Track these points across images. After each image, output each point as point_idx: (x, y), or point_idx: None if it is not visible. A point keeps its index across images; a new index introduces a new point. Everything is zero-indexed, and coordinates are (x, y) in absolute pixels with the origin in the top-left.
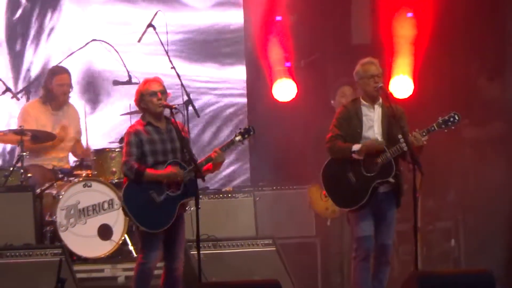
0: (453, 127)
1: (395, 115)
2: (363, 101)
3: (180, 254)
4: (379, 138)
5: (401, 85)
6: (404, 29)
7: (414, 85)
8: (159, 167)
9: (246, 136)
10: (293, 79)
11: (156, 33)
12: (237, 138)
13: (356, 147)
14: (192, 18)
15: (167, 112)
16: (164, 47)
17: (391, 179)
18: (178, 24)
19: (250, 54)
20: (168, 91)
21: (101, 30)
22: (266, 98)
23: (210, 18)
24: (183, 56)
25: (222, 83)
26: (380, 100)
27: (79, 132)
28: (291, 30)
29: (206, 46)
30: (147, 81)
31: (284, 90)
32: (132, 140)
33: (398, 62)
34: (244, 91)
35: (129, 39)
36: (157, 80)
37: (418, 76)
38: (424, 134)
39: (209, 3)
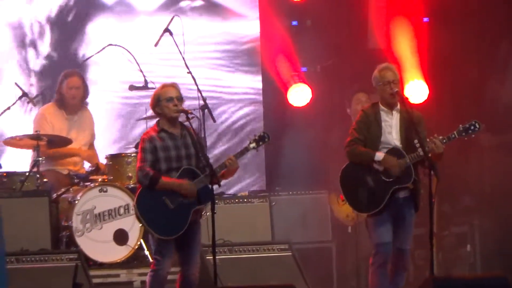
0: (473, 135)
1: (413, 120)
2: (381, 106)
3: (196, 259)
4: (398, 143)
5: (417, 90)
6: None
7: (430, 90)
8: (173, 174)
9: (260, 143)
10: (309, 84)
11: (173, 38)
12: (252, 145)
13: (379, 156)
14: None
15: (183, 117)
16: (180, 52)
17: (410, 185)
18: (194, 30)
19: (266, 59)
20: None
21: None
22: (282, 103)
23: (226, 24)
24: (200, 63)
25: (237, 88)
26: (399, 106)
27: (93, 137)
28: (307, 35)
29: (221, 52)
30: (164, 86)
31: (300, 95)
32: (147, 147)
33: (414, 67)
34: (260, 97)
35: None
36: (174, 86)
37: (433, 81)
38: (444, 141)
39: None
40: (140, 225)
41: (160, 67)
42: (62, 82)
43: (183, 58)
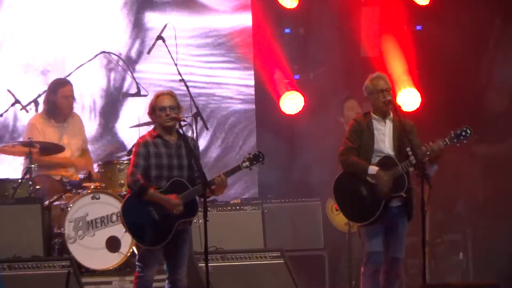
0: (465, 141)
1: (405, 128)
2: (373, 115)
3: (183, 266)
4: (391, 152)
5: (409, 98)
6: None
7: (422, 98)
8: (162, 181)
9: (254, 162)
10: (301, 92)
11: (166, 45)
12: (245, 164)
13: (372, 170)
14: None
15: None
16: (173, 59)
17: (403, 194)
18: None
19: (259, 67)
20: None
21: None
22: (274, 111)
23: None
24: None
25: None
26: (391, 115)
27: (85, 142)
28: (300, 43)
29: (214, 57)
30: (158, 95)
31: (292, 102)
32: (141, 151)
33: (406, 75)
34: (252, 97)
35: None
36: (169, 94)
37: (426, 89)
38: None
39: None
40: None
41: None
42: (54, 91)
43: (176, 65)
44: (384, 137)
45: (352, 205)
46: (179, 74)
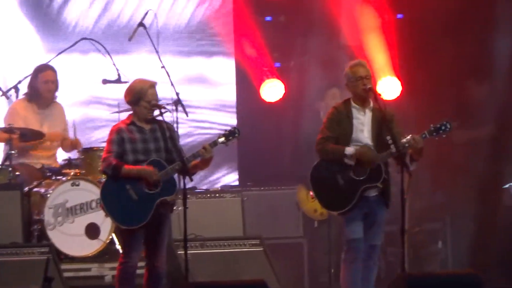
0: (444, 135)
1: (385, 118)
2: (353, 104)
3: (162, 252)
4: (369, 142)
5: (389, 87)
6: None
7: (403, 87)
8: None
9: (230, 138)
10: (282, 80)
11: (147, 32)
12: (220, 140)
13: (349, 150)
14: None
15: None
16: (154, 46)
17: (379, 184)
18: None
19: (239, 55)
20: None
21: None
22: (254, 98)
23: (200, 16)
24: (174, 51)
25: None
26: (371, 104)
27: (66, 130)
28: (281, 30)
29: (195, 44)
30: (147, 86)
31: (273, 90)
32: (114, 138)
33: (386, 63)
34: (233, 89)
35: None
36: (154, 86)
37: (406, 78)
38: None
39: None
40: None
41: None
42: (35, 76)
43: (157, 52)
44: (363, 126)
45: (329, 193)
46: (160, 61)
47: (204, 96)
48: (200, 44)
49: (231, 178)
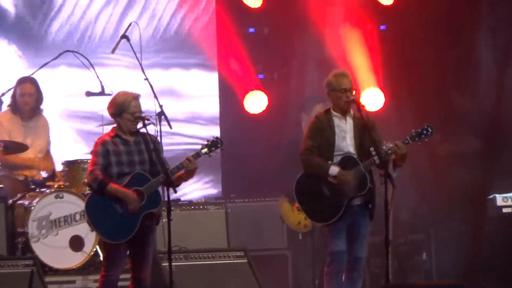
0: (426, 140)
1: (367, 125)
2: (334, 112)
3: (147, 264)
4: (352, 149)
5: (372, 98)
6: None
7: (386, 98)
8: (125, 178)
9: (213, 148)
10: (265, 92)
11: (130, 44)
12: (203, 151)
13: (333, 171)
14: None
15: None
16: (138, 58)
17: (364, 193)
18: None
19: (222, 66)
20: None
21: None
22: (238, 110)
23: (183, 28)
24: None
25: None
26: (352, 112)
27: (48, 144)
28: (264, 42)
29: (178, 55)
30: (130, 99)
31: (256, 102)
32: (99, 150)
33: (370, 75)
34: (217, 99)
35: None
36: (138, 98)
37: (390, 89)
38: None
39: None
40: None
41: (118, 74)
42: (15, 88)
43: (141, 65)
44: (345, 134)
45: (314, 205)
46: (144, 73)
47: (182, 108)
48: (182, 56)
49: (214, 189)
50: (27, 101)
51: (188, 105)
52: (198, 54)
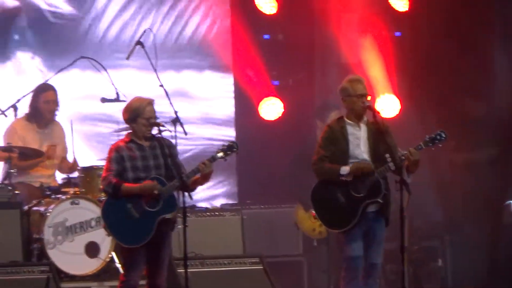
0: (440, 145)
1: (381, 131)
2: (347, 120)
3: (163, 270)
4: (366, 156)
5: (388, 105)
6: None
7: (401, 105)
8: (141, 183)
9: (228, 152)
10: (280, 98)
11: (145, 50)
12: (219, 155)
13: (344, 170)
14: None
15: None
16: (152, 64)
17: (379, 200)
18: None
19: (238, 72)
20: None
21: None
22: (253, 116)
23: (198, 35)
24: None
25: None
26: (365, 118)
27: (65, 150)
28: (279, 48)
29: (192, 58)
30: (145, 104)
31: (271, 108)
32: (113, 157)
33: (385, 81)
34: (230, 101)
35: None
36: (152, 104)
37: (405, 96)
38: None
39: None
40: (111, 237)
41: (134, 80)
42: (37, 96)
43: (155, 71)
44: (359, 141)
45: (330, 212)
46: (158, 79)
47: (196, 109)
48: (195, 58)
49: (230, 196)
50: (52, 108)
51: (201, 106)
52: (211, 57)
